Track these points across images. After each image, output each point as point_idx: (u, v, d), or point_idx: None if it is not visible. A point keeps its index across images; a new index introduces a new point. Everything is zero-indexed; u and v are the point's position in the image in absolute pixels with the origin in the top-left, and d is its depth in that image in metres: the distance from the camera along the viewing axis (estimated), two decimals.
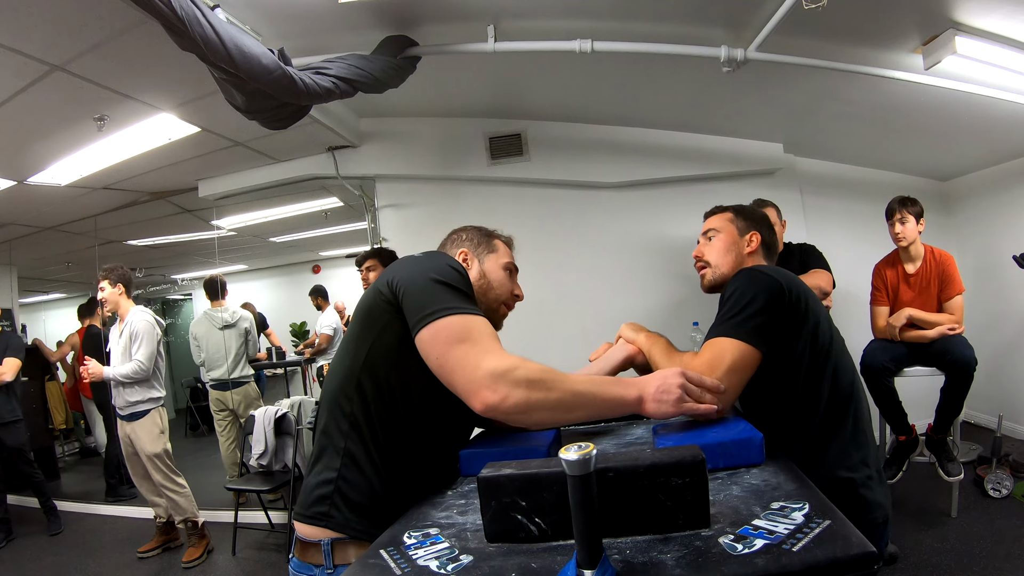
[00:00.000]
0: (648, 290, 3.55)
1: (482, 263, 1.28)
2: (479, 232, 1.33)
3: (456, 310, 0.97)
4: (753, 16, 2.24)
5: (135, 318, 3.15)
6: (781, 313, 1.17)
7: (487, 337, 0.96)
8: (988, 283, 3.62)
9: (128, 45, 2.11)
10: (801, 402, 1.19)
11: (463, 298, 1.00)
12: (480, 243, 1.31)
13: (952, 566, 2.25)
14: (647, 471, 0.72)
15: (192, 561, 3.08)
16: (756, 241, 1.42)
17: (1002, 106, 2.63)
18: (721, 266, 1.41)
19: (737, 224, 1.44)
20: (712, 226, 1.46)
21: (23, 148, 2.96)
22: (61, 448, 5.81)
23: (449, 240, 1.34)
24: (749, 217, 1.46)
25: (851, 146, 3.71)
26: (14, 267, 5.33)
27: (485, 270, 1.27)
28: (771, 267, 1.34)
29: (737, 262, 1.40)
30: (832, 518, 0.70)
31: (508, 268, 1.31)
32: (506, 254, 1.32)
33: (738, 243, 1.42)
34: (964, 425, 3.36)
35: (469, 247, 1.30)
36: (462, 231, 1.34)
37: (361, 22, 2.27)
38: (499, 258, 1.30)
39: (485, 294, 1.24)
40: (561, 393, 0.93)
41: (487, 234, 1.34)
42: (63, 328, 5.95)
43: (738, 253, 1.42)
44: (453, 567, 0.71)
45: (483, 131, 3.52)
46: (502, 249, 1.33)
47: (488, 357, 0.92)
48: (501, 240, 1.36)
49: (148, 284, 6.67)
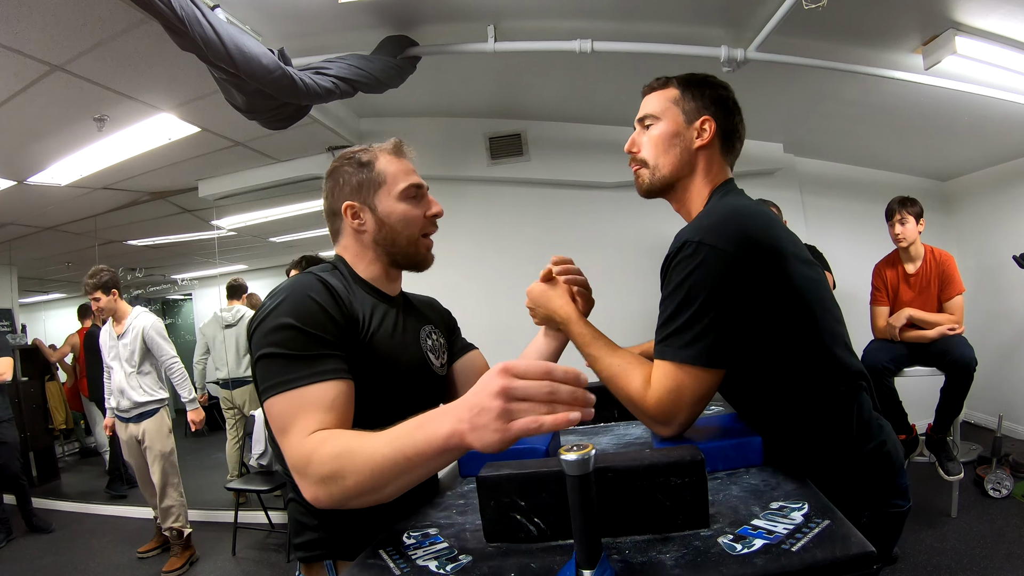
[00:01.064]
0: (648, 290, 3.50)
1: (375, 208, 1.05)
2: (353, 165, 1.07)
3: (276, 389, 0.84)
4: (753, 16, 2.24)
5: (144, 323, 3.11)
6: (741, 301, 0.89)
7: (291, 419, 0.82)
8: (988, 283, 3.62)
9: (128, 45, 2.11)
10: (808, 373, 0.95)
11: (290, 366, 0.85)
12: (361, 183, 1.05)
13: (952, 566, 2.25)
14: (646, 471, 0.72)
15: (173, 571, 3.03)
16: (710, 129, 1.07)
17: (1002, 106, 2.63)
18: (661, 166, 1.09)
19: (684, 106, 1.09)
20: (650, 110, 1.11)
21: (23, 148, 2.96)
22: (61, 448, 5.80)
23: (328, 192, 1.09)
24: (700, 95, 1.09)
25: (851, 146, 3.71)
26: (14, 267, 5.33)
27: (381, 215, 1.05)
28: (724, 209, 1.00)
29: (683, 160, 1.08)
30: (831, 518, 0.70)
31: (407, 195, 1.06)
32: (395, 179, 1.06)
33: (684, 133, 1.08)
34: (964, 425, 3.35)
35: (352, 195, 1.06)
36: (335, 173, 1.08)
37: (361, 22, 2.28)
38: (391, 188, 1.06)
39: (394, 242, 1.06)
40: (357, 477, 0.74)
41: (363, 163, 1.06)
42: (63, 328, 5.95)
43: (684, 148, 1.08)
44: (452, 567, 0.71)
45: (483, 131, 3.52)
46: (391, 172, 1.06)
47: (288, 448, 0.82)
48: (384, 157, 1.07)
49: (148, 284, 6.67)
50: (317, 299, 0.91)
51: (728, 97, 1.11)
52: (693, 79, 1.11)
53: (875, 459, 0.96)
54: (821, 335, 0.94)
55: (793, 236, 1.01)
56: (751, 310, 0.90)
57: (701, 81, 1.11)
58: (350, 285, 1.04)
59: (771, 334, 0.92)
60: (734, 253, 0.89)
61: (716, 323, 0.89)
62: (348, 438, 0.78)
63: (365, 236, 1.07)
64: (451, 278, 3.72)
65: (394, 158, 1.08)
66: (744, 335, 0.91)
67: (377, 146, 1.09)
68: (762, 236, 0.93)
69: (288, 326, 0.86)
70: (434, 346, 1.15)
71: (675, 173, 1.09)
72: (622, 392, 0.98)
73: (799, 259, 0.96)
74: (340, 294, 0.96)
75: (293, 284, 0.94)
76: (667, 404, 0.92)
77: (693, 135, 1.08)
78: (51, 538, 3.72)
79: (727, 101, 1.11)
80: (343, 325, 0.93)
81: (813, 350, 0.94)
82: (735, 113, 1.12)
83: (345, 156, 1.09)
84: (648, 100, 1.13)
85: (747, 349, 0.92)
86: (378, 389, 0.97)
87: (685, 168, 1.09)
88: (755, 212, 0.98)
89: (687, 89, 1.10)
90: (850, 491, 0.92)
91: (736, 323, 0.90)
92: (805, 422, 0.95)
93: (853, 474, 0.94)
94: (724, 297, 0.89)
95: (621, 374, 0.98)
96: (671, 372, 0.91)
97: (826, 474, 0.88)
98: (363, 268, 1.09)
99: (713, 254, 0.89)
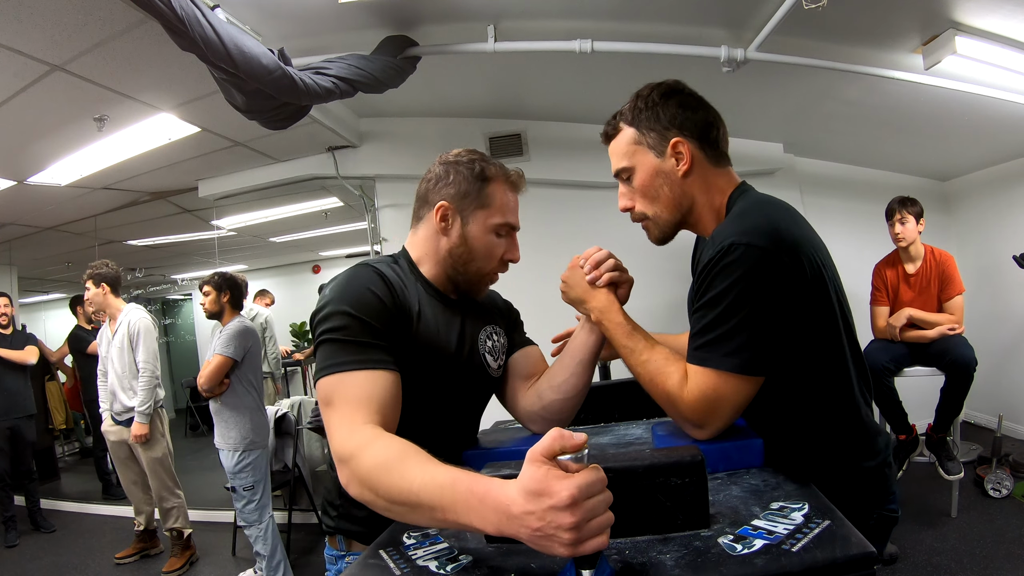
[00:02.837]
0: (648, 290, 3.49)
1: (465, 224, 1.04)
2: (472, 172, 1.04)
3: (327, 370, 0.87)
4: (753, 16, 2.24)
5: (132, 317, 3.07)
6: (782, 305, 0.86)
7: (345, 403, 0.84)
8: (988, 283, 3.62)
9: (128, 45, 2.11)
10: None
11: (343, 350, 0.88)
12: (468, 193, 1.03)
13: (952, 566, 2.25)
14: (646, 471, 0.72)
15: (173, 571, 3.02)
16: (686, 151, 0.98)
17: (1002, 106, 2.63)
18: (660, 213, 1.03)
19: (647, 141, 1.00)
20: (620, 163, 1.04)
21: (23, 148, 2.96)
22: (61, 448, 5.81)
23: (435, 179, 1.06)
24: (655, 118, 1.00)
25: (851, 146, 3.71)
26: (14, 267, 5.33)
27: (467, 234, 1.04)
28: (761, 210, 0.94)
29: (676, 195, 1.01)
30: (832, 518, 0.70)
31: (498, 231, 1.05)
32: (500, 211, 1.05)
33: (663, 170, 1.00)
34: (964, 425, 3.35)
35: (453, 199, 1.03)
36: (452, 167, 1.05)
37: (361, 22, 2.27)
38: (489, 217, 1.04)
39: (465, 265, 1.05)
40: (384, 500, 0.73)
41: (481, 177, 1.04)
42: (63, 328, 5.94)
43: (672, 184, 1.00)
44: (452, 567, 0.71)
45: (483, 131, 3.52)
46: (497, 202, 1.04)
47: (336, 433, 0.83)
48: (501, 184, 1.05)
49: (148, 284, 6.67)
50: (374, 290, 0.93)
51: (682, 95, 1.02)
52: (638, 105, 1.02)
53: (878, 470, 0.96)
54: (845, 342, 0.94)
55: (817, 235, 1.00)
56: (794, 315, 0.88)
57: (647, 102, 1.01)
58: (406, 279, 1.04)
59: (806, 338, 0.90)
60: (783, 258, 0.86)
61: (762, 331, 0.87)
62: (394, 454, 0.75)
63: (443, 241, 1.06)
64: None
65: (509, 189, 1.07)
66: (785, 342, 0.89)
67: (498, 167, 1.06)
68: (805, 238, 0.91)
69: (344, 312, 0.90)
70: (494, 347, 1.14)
71: (677, 212, 1.03)
72: (659, 390, 0.95)
73: (829, 261, 0.96)
74: (395, 287, 0.97)
75: (351, 275, 0.96)
76: (704, 409, 0.90)
77: (672, 165, 1.00)
78: (51, 538, 3.72)
79: (685, 103, 1.01)
80: (396, 316, 0.95)
81: (836, 356, 0.94)
82: (699, 108, 1.01)
83: (470, 157, 1.06)
84: (612, 151, 1.06)
85: (785, 356, 0.90)
86: (427, 384, 0.99)
87: (684, 201, 1.02)
88: (792, 214, 0.95)
89: (640, 122, 1.01)
90: (853, 496, 0.92)
91: (780, 330, 0.88)
92: (812, 427, 0.96)
93: (856, 483, 0.95)
94: (773, 304, 0.86)
95: (658, 372, 0.95)
96: (711, 378, 0.88)
97: (829, 481, 0.88)
98: (427, 268, 1.08)
99: (763, 259, 0.85)
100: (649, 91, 1.02)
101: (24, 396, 3.76)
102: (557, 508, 0.55)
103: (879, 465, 0.96)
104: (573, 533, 0.56)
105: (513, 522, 0.58)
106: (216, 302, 2.86)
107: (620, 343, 1.01)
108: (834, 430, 0.95)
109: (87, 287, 3.07)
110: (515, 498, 0.58)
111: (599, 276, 1.05)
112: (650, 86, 1.03)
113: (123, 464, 3.15)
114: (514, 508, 0.58)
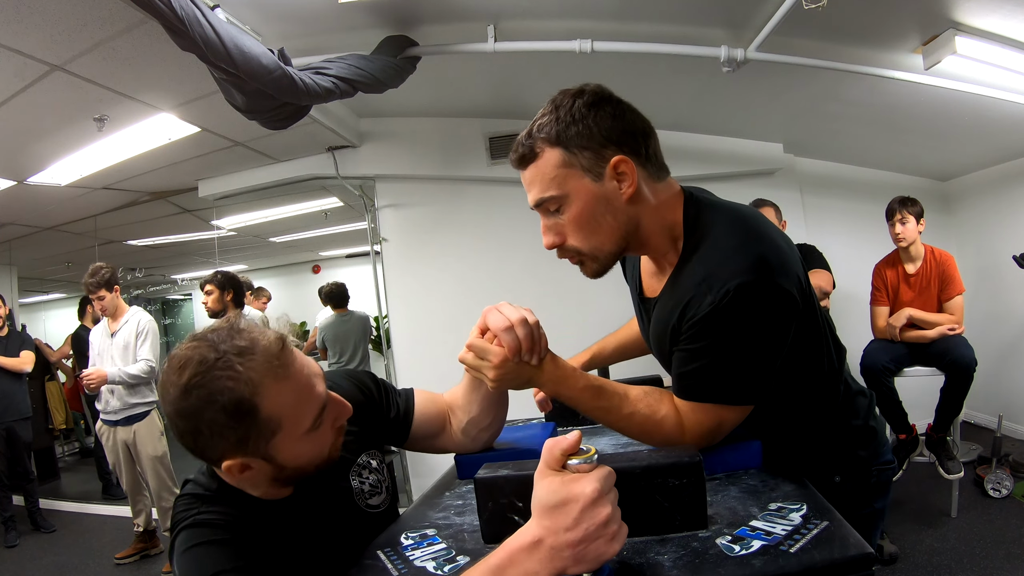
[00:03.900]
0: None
1: (271, 461, 0.73)
2: (225, 420, 0.68)
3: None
4: (753, 16, 2.24)
5: (139, 316, 3.07)
6: (791, 335, 0.84)
7: None
8: (988, 283, 3.61)
9: (128, 45, 2.11)
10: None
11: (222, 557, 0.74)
12: (245, 442, 0.70)
13: (952, 566, 2.25)
14: (644, 472, 0.72)
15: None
16: (629, 170, 0.82)
17: (1002, 106, 2.63)
18: (601, 246, 0.87)
19: (580, 163, 0.82)
20: (543, 192, 0.84)
21: (23, 148, 2.96)
22: (61, 448, 5.81)
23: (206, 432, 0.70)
24: (587, 134, 0.81)
25: (851, 146, 3.71)
26: (14, 267, 5.34)
27: (283, 464, 0.74)
28: (753, 239, 0.83)
29: (621, 223, 0.85)
30: (830, 519, 0.70)
31: (311, 428, 0.75)
32: (294, 418, 0.73)
33: (606, 196, 0.83)
34: (964, 425, 3.35)
35: (235, 453, 0.71)
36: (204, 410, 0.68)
37: (361, 22, 2.27)
38: (287, 438, 0.72)
39: (301, 475, 0.77)
40: None
41: (237, 413, 0.68)
42: (63, 328, 5.95)
43: (615, 211, 0.84)
44: (450, 568, 0.71)
45: (483, 131, 3.52)
46: (285, 415, 0.72)
47: None
48: (272, 386, 0.71)
49: (148, 284, 6.67)
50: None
51: (611, 102, 0.84)
52: (561, 119, 0.82)
53: (865, 425, 1.02)
54: (826, 332, 0.96)
55: None
56: (797, 337, 0.85)
57: (573, 115, 0.82)
58: (247, 521, 0.76)
59: (803, 351, 0.89)
60: (793, 292, 0.81)
61: (772, 364, 0.84)
62: None
63: (259, 484, 0.79)
64: (451, 278, 3.73)
65: (285, 374, 0.73)
66: (788, 362, 0.87)
67: (260, 361, 0.71)
68: (793, 250, 0.87)
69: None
70: (375, 483, 0.92)
71: (621, 241, 0.87)
72: (656, 439, 0.89)
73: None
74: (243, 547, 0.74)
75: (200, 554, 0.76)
76: (708, 439, 0.88)
77: (614, 189, 0.83)
78: (51, 538, 3.72)
79: (617, 112, 0.83)
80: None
81: (825, 352, 0.96)
82: (634, 117, 0.85)
83: (210, 399, 0.68)
84: (530, 178, 0.86)
85: (786, 373, 0.89)
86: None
87: (629, 226, 0.86)
88: (769, 224, 0.88)
89: (568, 139, 0.82)
90: (850, 458, 0.98)
91: (785, 355, 0.85)
92: (807, 420, 0.99)
93: (850, 442, 1.00)
94: (787, 338, 0.83)
95: (647, 422, 0.88)
96: (716, 412, 0.86)
97: (826, 453, 0.96)
98: (258, 492, 0.80)
99: (780, 298, 0.79)
100: (571, 100, 0.83)
101: (19, 398, 3.72)
102: (588, 507, 0.53)
103: (864, 421, 1.01)
104: (615, 525, 0.54)
105: (555, 555, 0.53)
106: (219, 300, 2.86)
107: (590, 407, 0.89)
108: (825, 410, 0.99)
109: (101, 296, 3.00)
110: (537, 531, 0.54)
111: (542, 350, 0.87)
112: (568, 93, 0.85)
113: (123, 464, 3.14)
114: (547, 539, 0.53)
